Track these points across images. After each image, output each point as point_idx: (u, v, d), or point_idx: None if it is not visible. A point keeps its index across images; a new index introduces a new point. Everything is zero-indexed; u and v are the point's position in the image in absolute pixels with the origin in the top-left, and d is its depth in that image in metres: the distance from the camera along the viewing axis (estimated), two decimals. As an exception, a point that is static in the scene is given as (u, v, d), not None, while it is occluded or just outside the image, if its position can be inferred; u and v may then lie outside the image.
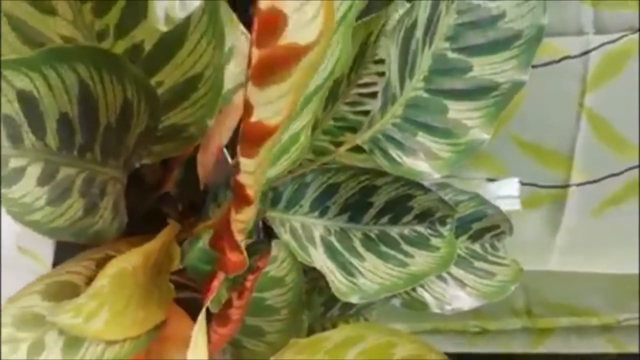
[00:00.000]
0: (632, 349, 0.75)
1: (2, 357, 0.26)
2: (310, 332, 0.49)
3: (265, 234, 0.46)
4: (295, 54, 0.21)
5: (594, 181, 0.62)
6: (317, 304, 0.54)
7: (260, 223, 0.43)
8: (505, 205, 0.53)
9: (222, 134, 0.43)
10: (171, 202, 0.44)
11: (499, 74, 0.43)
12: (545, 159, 0.64)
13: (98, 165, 0.33)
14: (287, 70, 0.21)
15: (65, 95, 0.29)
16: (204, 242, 0.41)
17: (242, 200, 0.26)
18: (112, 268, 0.32)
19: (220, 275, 0.32)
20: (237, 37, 0.42)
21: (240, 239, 0.27)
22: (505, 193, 0.60)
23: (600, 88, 0.58)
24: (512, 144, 0.63)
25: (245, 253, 0.28)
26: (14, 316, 0.27)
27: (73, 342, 0.29)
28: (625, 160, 0.60)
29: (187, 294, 0.42)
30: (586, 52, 0.57)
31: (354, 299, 0.41)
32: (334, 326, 0.55)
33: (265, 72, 0.23)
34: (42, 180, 0.29)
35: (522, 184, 0.62)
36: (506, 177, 0.62)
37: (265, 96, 0.23)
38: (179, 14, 0.25)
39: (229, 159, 0.42)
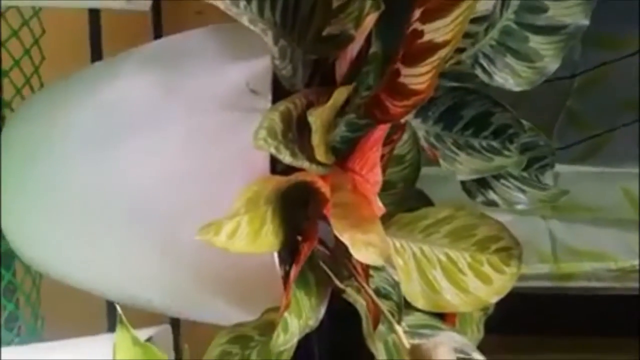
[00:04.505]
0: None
1: (260, 148, 0.37)
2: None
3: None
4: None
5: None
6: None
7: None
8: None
9: (354, 45, 0.55)
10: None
11: (567, 16, 0.56)
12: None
13: (295, 44, 0.45)
14: (447, 11, 0.33)
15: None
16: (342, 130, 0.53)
17: (431, 50, 0.37)
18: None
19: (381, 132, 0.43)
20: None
21: (425, 80, 0.38)
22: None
23: (577, 96, 0.89)
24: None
25: (424, 93, 0.39)
26: (267, 125, 0.38)
27: (294, 155, 0.40)
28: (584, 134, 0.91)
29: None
30: (574, 76, 0.87)
31: (458, 178, 0.53)
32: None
33: (429, 16, 0.36)
34: (274, 42, 0.41)
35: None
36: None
37: (433, 26, 0.36)
38: None
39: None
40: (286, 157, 0.39)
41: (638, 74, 0.90)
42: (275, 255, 0.43)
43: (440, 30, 0.37)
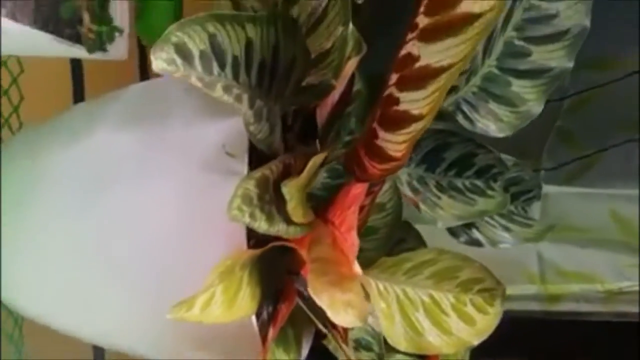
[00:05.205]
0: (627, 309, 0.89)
1: (235, 219, 0.37)
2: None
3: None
4: (469, 18, 0.32)
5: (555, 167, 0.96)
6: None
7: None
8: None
9: (334, 94, 0.55)
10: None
11: (551, 60, 0.56)
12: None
13: (273, 102, 0.44)
14: (459, 30, 0.32)
15: (266, 47, 0.41)
16: (323, 176, 0.53)
17: (406, 120, 0.37)
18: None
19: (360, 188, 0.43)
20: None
21: (401, 148, 0.38)
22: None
23: (567, 115, 0.90)
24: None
25: (400, 160, 0.39)
26: (241, 194, 0.38)
27: (270, 219, 0.40)
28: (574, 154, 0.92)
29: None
30: (562, 98, 0.88)
31: (438, 225, 0.53)
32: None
33: (436, 32, 0.35)
34: (250, 106, 0.41)
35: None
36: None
37: (408, 96, 0.35)
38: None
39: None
40: (262, 225, 0.39)
41: (629, 94, 0.91)
42: (253, 317, 0.44)
43: (415, 103, 0.37)
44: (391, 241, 0.55)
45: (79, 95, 0.61)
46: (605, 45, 0.87)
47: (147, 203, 0.45)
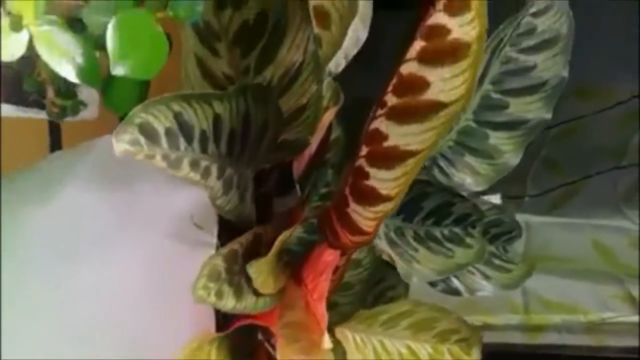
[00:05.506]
0: (611, 342, 0.89)
1: (200, 301, 0.37)
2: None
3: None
4: (435, 106, 0.32)
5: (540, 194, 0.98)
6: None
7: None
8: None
9: (311, 146, 0.54)
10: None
11: (528, 112, 0.55)
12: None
13: (245, 168, 0.44)
14: (425, 117, 0.32)
15: (235, 118, 0.41)
16: (299, 231, 0.53)
17: (375, 198, 0.37)
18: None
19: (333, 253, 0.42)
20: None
21: (371, 225, 0.37)
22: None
23: (553, 143, 0.93)
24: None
25: (371, 234, 0.39)
26: (208, 271, 0.38)
27: (239, 293, 0.40)
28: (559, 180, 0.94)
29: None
30: (548, 128, 0.85)
31: (414, 280, 0.53)
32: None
33: (403, 114, 0.34)
34: (218, 176, 0.40)
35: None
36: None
37: (377, 174, 0.34)
38: (333, 70, 0.36)
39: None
40: (228, 303, 0.39)
41: (614, 123, 0.91)
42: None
43: (384, 183, 0.36)
44: (367, 295, 0.55)
45: (55, 140, 0.60)
46: (590, 75, 0.87)
47: (115, 271, 0.45)
